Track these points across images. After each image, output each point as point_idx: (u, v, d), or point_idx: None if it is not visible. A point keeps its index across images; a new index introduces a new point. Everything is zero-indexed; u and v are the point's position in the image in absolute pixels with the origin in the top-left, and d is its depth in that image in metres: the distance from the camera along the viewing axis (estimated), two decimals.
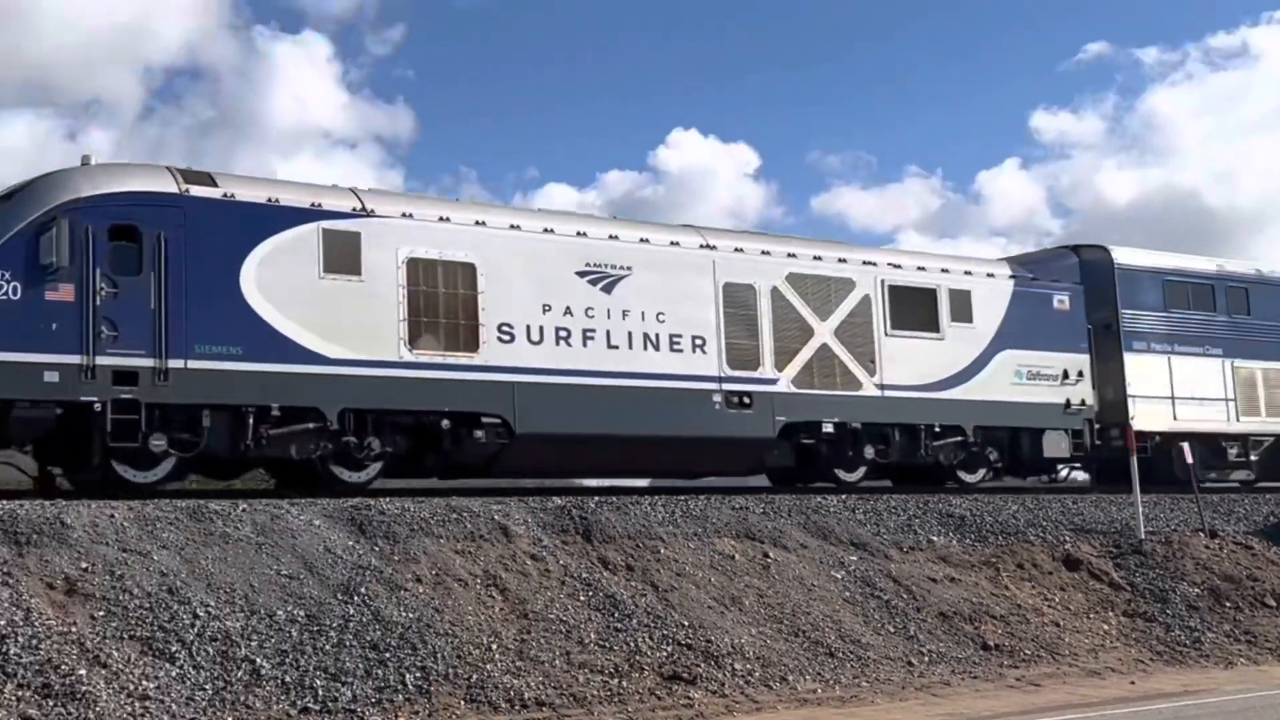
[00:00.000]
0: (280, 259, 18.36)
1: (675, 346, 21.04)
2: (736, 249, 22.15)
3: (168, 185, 17.93)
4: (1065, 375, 24.38)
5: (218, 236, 17.94)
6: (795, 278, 22.26)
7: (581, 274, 20.62)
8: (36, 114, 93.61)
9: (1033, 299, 24.60)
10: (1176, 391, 25.48)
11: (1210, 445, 25.69)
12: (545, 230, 20.68)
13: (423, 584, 14.81)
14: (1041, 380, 24.15)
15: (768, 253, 22.36)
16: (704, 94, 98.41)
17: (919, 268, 23.83)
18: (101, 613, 12.67)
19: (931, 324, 23.38)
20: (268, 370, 17.90)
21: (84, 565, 13.22)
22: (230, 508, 15.20)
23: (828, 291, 22.46)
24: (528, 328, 20.01)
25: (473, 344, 19.57)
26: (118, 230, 17.26)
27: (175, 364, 17.20)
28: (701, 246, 21.86)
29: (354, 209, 19.28)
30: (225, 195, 18.39)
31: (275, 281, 18.19)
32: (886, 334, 22.82)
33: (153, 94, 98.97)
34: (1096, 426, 24.60)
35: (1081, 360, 24.67)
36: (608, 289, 20.74)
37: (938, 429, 22.99)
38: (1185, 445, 22.76)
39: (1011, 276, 24.83)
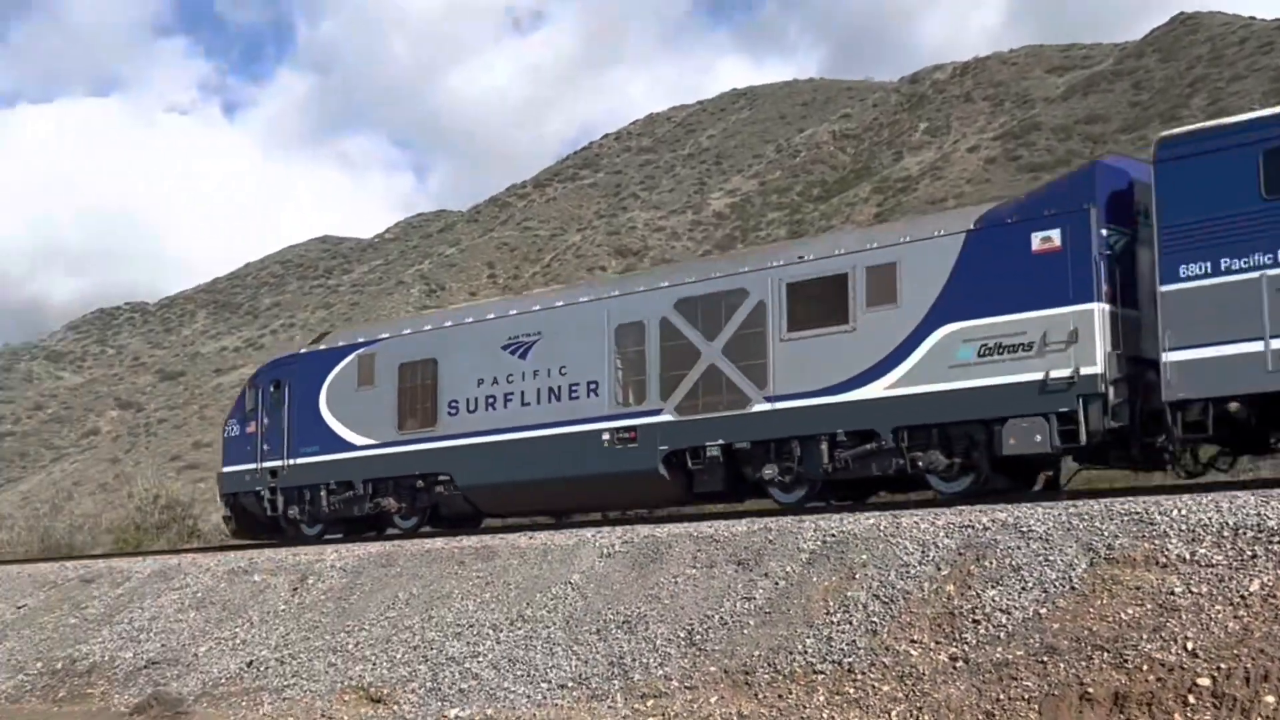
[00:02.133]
0: (338, 382, 26.99)
1: (573, 395, 23.24)
2: (628, 292, 23.49)
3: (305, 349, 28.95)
4: (1046, 342, 18.43)
5: (313, 375, 27.42)
6: (683, 303, 22.35)
7: (504, 347, 24.36)
8: None
9: (995, 248, 19.23)
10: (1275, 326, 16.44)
11: None
12: (482, 320, 25.23)
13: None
14: (1006, 354, 18.82)
15: (658, 287, 23.05)
16: None
17: (831, 254, 21.03)
18: None
19: (839, 315, 20.49)
20: (334, 459, 26.67)
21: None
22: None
23: (717, 309, 21.82)
24: (467, 400, 24.71)
25: (432, 420, 25.17)
26: (267, 384, 28.60)
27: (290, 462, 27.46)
28: (595, 299, 23.71)
29: (376, 337, 27.24)
30: (316, 347, 28.44)
31: (335, 398, 26.94)
32: (781, 339, 21.07)
33: None
34: (1114, 400, 17.96)
35: (1077, 316, 18.26)
36: (523, 355, 24.08)
37: (841, 437, 20.28)
38: None
39: (968, 229, 19.71)
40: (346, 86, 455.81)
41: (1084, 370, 18.06)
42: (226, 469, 28.96)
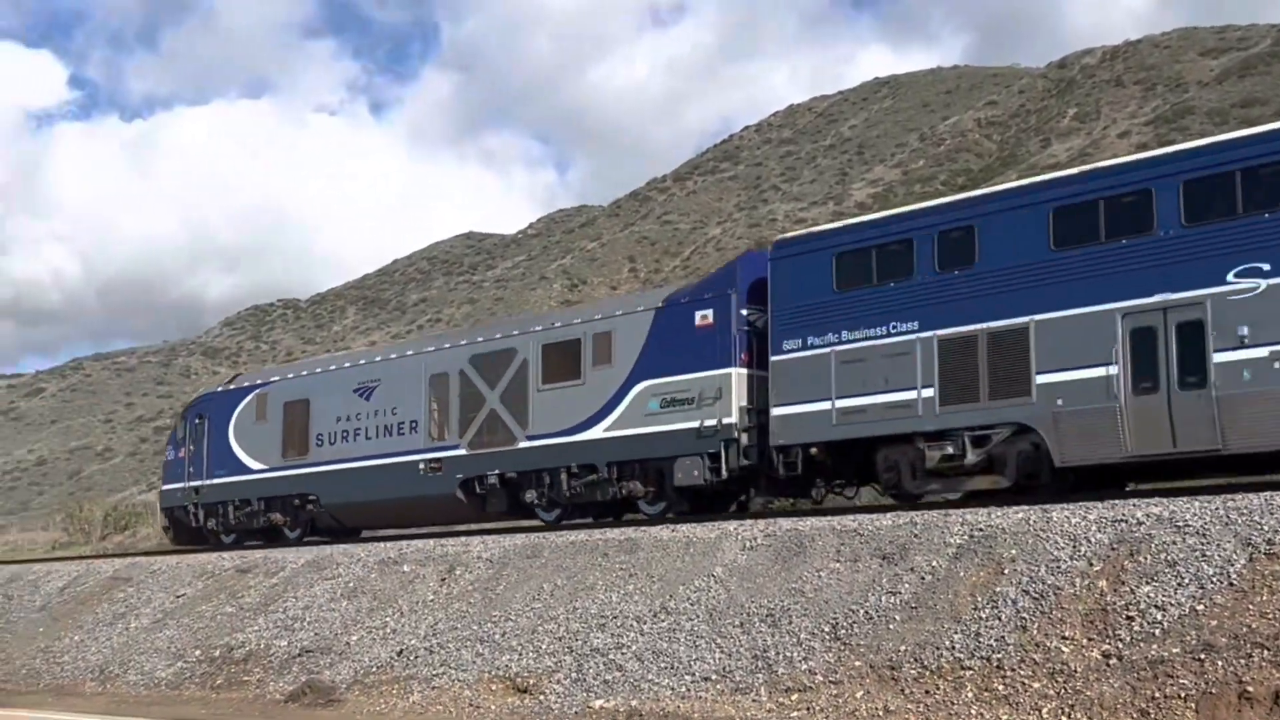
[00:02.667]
0: (242, 417, 32.54)
1: (400, 431, 28.71)
2: (439, 348, 29.11)
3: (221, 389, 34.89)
4: (703, 397, 23.50)
5: (225, 411, 33.10)
6: (475, 358, 27.77)
7: (355, 390, 29.95)
8: None
9: (674, 322, 24.36)
10: (841, 391, 21.69)
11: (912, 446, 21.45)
12: (341, 368, 31.31)
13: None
14: (678, 407, 23.86)
15: (459, 345, 28.60)
16: None
17: (572, 322, 26.65)
18: None
19: (574, 372, 25.75)
20: (237, 480, 32.31)
21: None
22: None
23: (497, 364, 27.15)
24: (329, 434, 30.25)
25: (305, 450, 30.69)
26: (193, 417, 34.30)
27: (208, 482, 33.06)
28: (417, 354, 29.51)
29: (269, 380, 33.26)
30: (229, 387, 34.24)
31: (239, 430, 32.48)
32: (538, 390, 26.30)
33: None
34: (745, 443, 22.82)
35: (722, 378, 23.26)
36: (368, 398, 29.61)
37: (570, 470, 25.34)
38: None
39: (657, 307, 24.98)
40: (489, 84, 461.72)
41: (725, 420, 23.16)
42: (164, 487, 34.99)
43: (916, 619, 15.16)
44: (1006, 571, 15.10)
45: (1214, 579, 13.43)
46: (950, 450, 20.49)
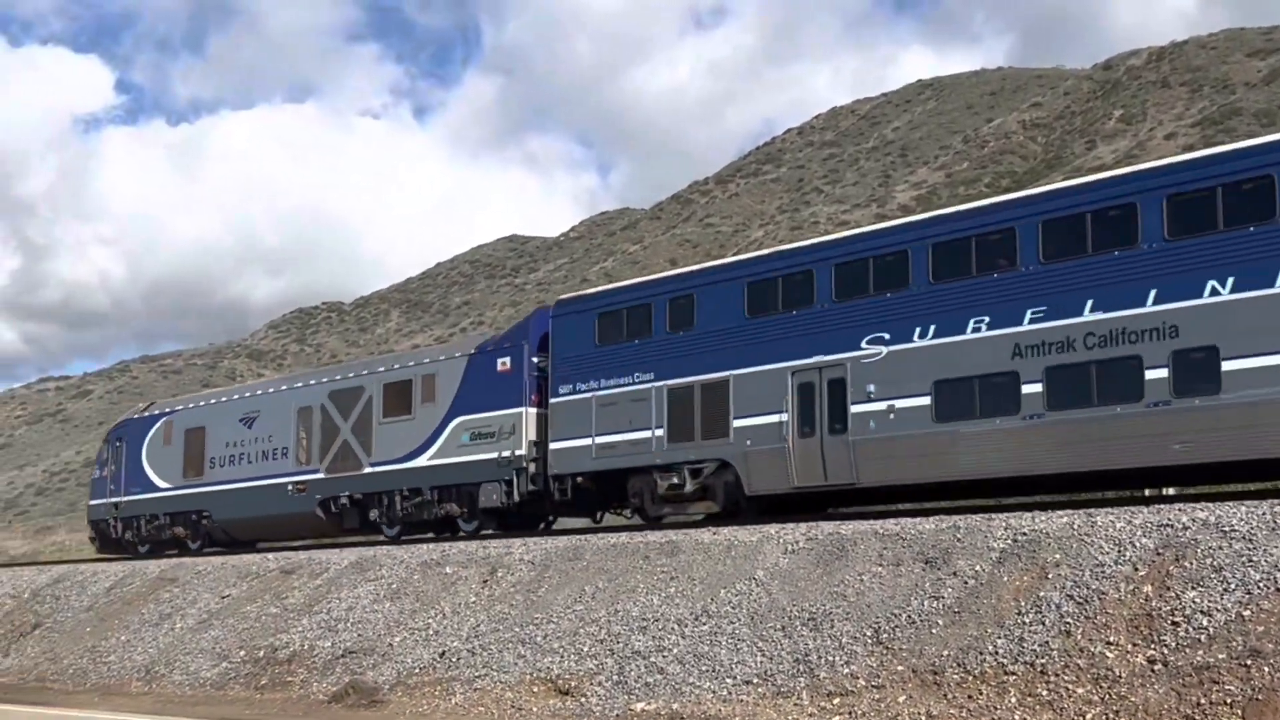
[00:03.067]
0: (153, 441, 36.83)
1: (274, 457, 33.01)
2: (305, 385, 33.45)
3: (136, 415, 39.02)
4: (502, 431, 27.85)
5: (139, 435, 37.24)
6: (333, 394, 32.15)
7: (240, 420, 34.38)
8: None
9: (482, 367, 28.73)
10: (600, 429, 26.02)
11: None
12: (230, 399, 35.82)
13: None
14: (484, 439, 28.13)
15: (321, 382, 33.05)
16: None
17: (407, 365, 31.05)
18: None
19: (407, 408, 30.05)
20: (148, 498, 36.47)
21: None
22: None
23: (350, 400, 31.58)
24: (220, 458, 34.57)
25: (201, 471, 34.96)
26: (115, 439, 38.44)
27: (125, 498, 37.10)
28: (289, 389, 33.95)
29: (175, 408, 37.64)
30: (143, 414, 38.45)
31: (151, 452, 36.71)
32: (379, 423, 30.72)
33: None
34: (533, 472, 27.18)
35: (516, 415, 27.62)
36: (250, 427, 33.97)
37: (403, 493, 29.81)
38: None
39: (470, 353, 29.37)
40: (531, 87, 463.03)
41: (517, 452, 27.44)
42: (91, 502, 39.37)
43: (959, 623, 15.09)
44: (1050, 576, 15.01)
45: (1260, 584, 13.31)
46: (675, 480, 24.85)
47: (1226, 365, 18.44)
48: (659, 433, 25.09)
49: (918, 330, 21.78)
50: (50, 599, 31.22)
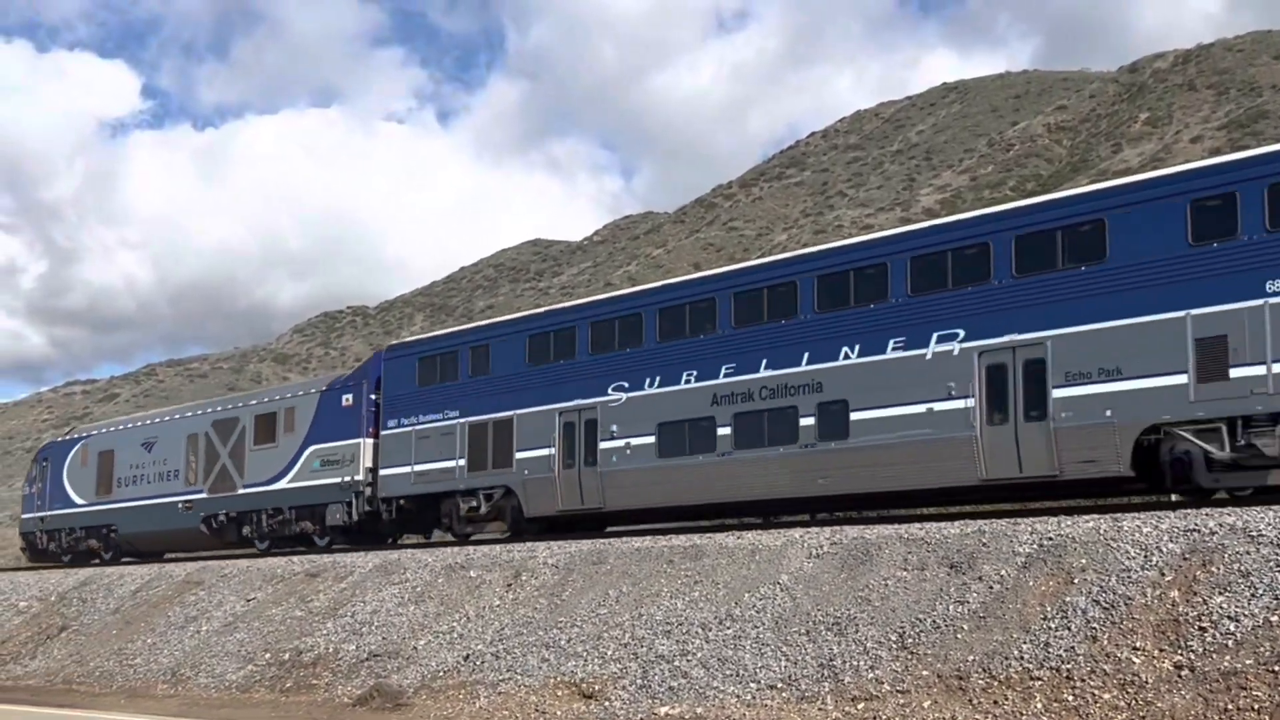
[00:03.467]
0: (73, 462, 40.98)
1: (169, 478, 37.27)
2: (194, 414, 37.93)
3: (60, 439, 45.43)
4: (345, 459, 31.90)
5: (62, 456, 41.63)
6: (215, 423, 36.39)
7: (142, 444, 38.73)
8: None
9: (331, 403, 32.89)
10: (418, 459, 30.15)
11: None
12: (134, 426, 40.32)
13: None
14: (331, 466, 32.19)
15: (206, 412, 37.50)
16: None
17: (275, 399, 35.30)
18: None
19: (273, 437, 34.23)
20: (68, 512, 40.75)
21: None
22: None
23: (229, 429, 35.80)
24: (125, 478, 38.77)
25: (110, 490, 39.16)
26: (42, 459, 42.63)
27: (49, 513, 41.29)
28: (181, 418, 38.35)
29: (91, 433, 42.00)
30: (66, 438, 42.70)
31: (71, 472, 40.81)
32: (251, 450, 34.80)
33: None
34: (368, 495, 31.22)
35: (356, 445, 31.66)
36: (150, 450, 38.29)
37: (268, 512, 33.85)
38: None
39: (322, 390, 33.60)
40: (555, 91, 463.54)
41: (355, 477, 31.45)
42: (23, 515, 43.81)
43: (985, 628, 15.03)
44: (1076, 581, 14.94)
45: None
46: (474, 504, 28.88)
47: (854, 415, 22.66)
48: (461, 463, 29.18)
49: (647, 380, 25.91)
50: (77, 602, 31.39)
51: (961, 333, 21.55)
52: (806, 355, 23.44)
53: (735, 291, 25.05)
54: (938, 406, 21.54)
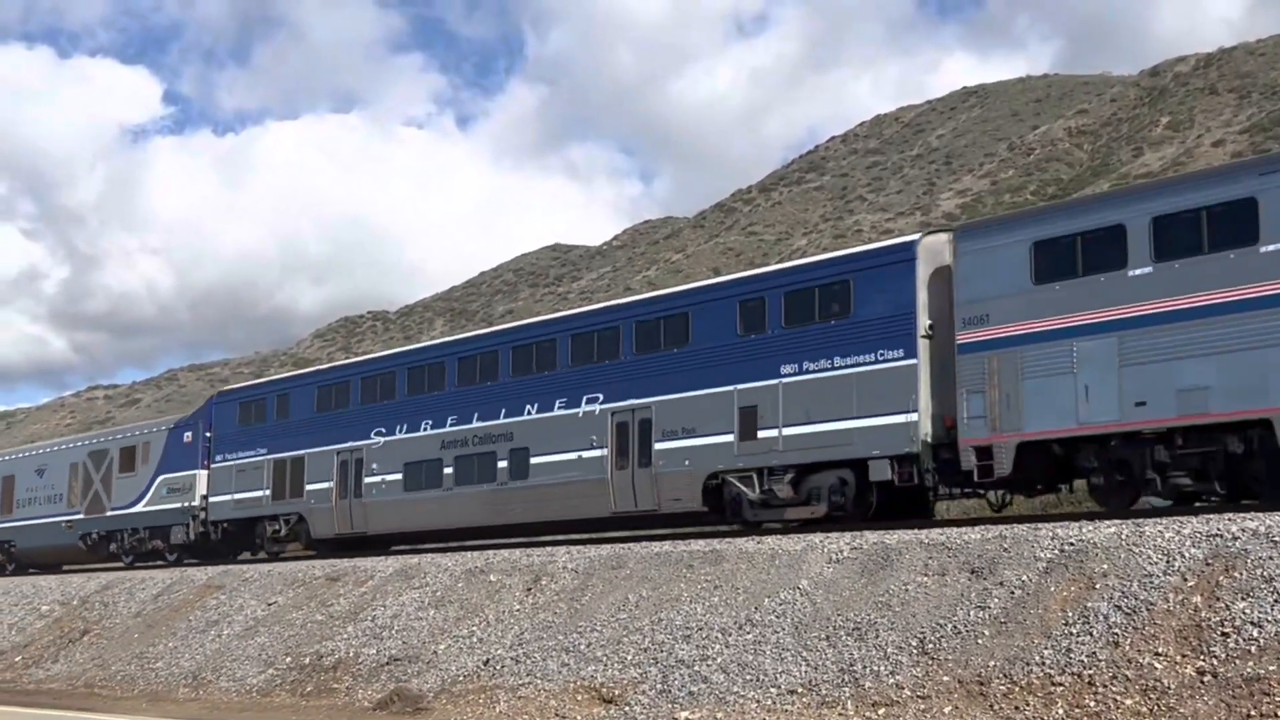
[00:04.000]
0: None
1: (55, 501, 42.48)
2: (73, 445, 43.75)
3: None
4: (185, 487, 37.42)
5: (6, 469, 46.57)
6: (91, 453, 41.82)
7: (36, 470, 44.00)
8: None
9: (177, 438, 38.50)
10: (237, 488, 36.06)
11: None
12: (28, 455, 46.10)
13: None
14: (176, 493, 37.72)
15: (85, 443, 43.22)
16: None
17: (137, 433, 40.84)
18: None
19: (133, 466, 39.61)
20: None
21: None
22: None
23: (101, 458, 41.01)
24: (22, 500, 43.94)
25: (11, 510, 44.46)
26: None
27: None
28: (66, 448, 43.93)
29: (7, 458, 47.65)
30: (12, 458, 48.36)
31: None
32: (116, 477, 40.16)
33: None
34: (203, 518, 36.75)
35: (193, 475, 37.25)
36: (41, 476, 43.57)
37: (129, 531, 39.34)
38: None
39: (169, 428, 39.14)
40: (574, 96, 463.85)
41: (193, 503, 37.00)
42: None
43: (1006, 633, 14.99)
44: (1098, 586, 14.88)
45: None
46: (278, 527, 34.94)
47: (533, 460, 28.24)
48: (268, 492, 35.06)
49: (398, 427, 31.57)
50: (99, 605, 31.51)
51: (601, 396, 27.19)
52: (503, 410, 29.18)
53: (459, 357, 31.08)
54: (585, 454, 27.22)
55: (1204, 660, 13.03)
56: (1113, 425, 19.57)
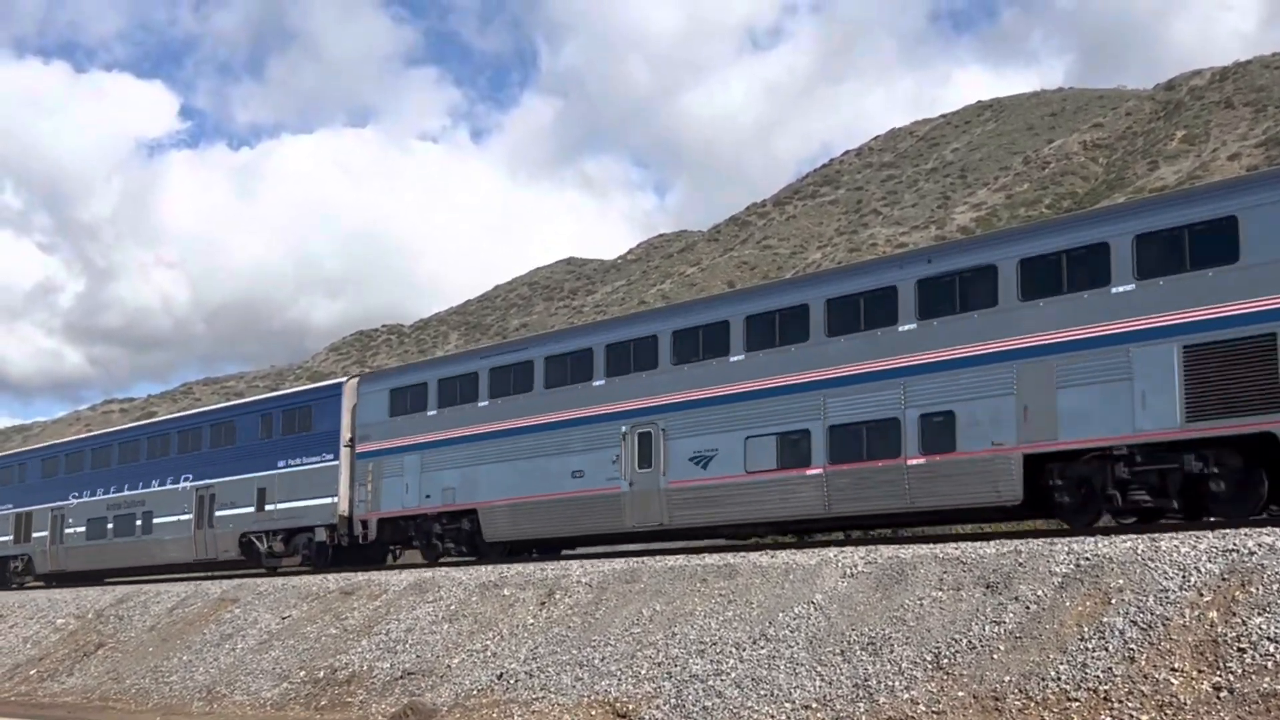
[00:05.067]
0: None
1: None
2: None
3: None
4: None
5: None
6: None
7: None
8: None
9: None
10: None
11: None
12: None
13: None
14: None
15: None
16: None
17: None
18: None
19: None
20: None
21: None
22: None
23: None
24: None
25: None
26: None
27: None
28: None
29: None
30: None
31: None
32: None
33: None
34: None
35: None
36: None
37: None
38: None
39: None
40: (588, 109, 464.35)
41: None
42: None
43: (1021, 648, 14.93)
44: (1114, 601, 14.82)
45: None
46: (17, 564, 44.65)
47: (155, 520, 39.08)
48: (11, 537, 45.43)
49: (86, 493, 42.60)
50: (114, 619, 31.56)
51: (191, 476, 37.70)
52: (140, 484, 39.77)
53: (120, 443, 42.22)
54: (180, 517, 37.69)
55: (1220, 676, 12.96)
56: (413, 510, 30.85)
